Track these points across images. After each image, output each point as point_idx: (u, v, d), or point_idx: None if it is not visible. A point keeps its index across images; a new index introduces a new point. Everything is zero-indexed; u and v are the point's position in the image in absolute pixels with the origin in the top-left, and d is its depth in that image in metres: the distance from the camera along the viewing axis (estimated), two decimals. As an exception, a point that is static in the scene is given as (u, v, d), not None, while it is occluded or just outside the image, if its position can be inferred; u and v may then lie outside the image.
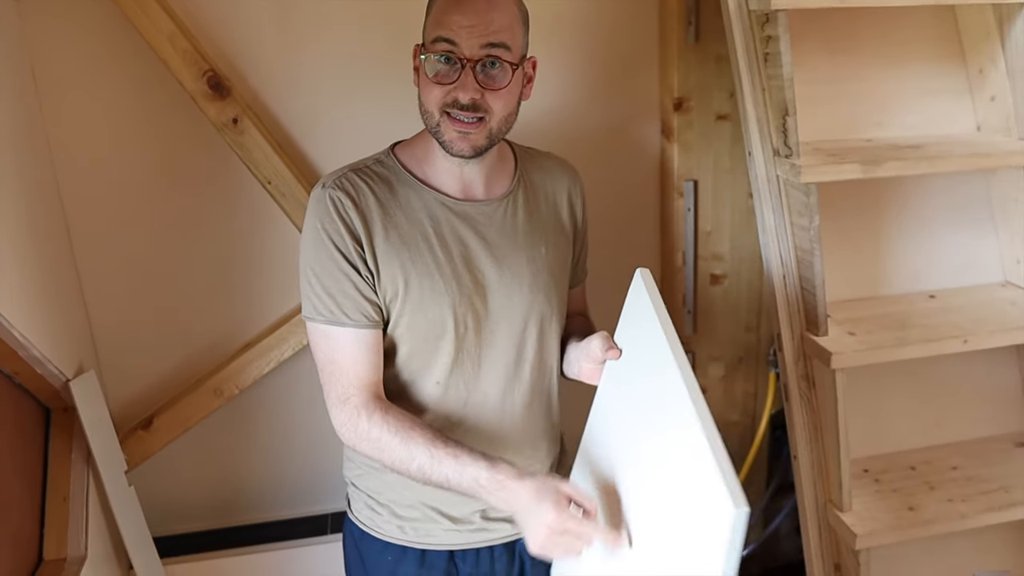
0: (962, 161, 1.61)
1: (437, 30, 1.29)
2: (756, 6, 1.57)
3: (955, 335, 1.60)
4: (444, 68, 1.29)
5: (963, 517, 1.61)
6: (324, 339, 1.36)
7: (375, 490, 1.49)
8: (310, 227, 1.35)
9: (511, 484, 1.24)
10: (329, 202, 1.33)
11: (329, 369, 1.36)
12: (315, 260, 1.34)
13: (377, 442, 1.33)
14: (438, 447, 1.30)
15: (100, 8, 1.78)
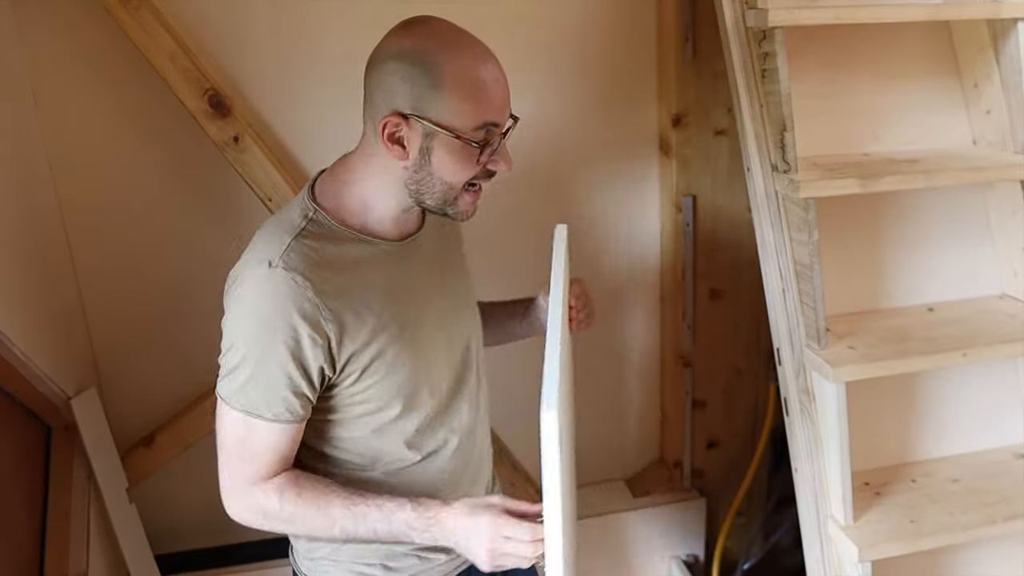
0: (959, 175, 1.62)
1: (480, 115, 1.22)
2: (753, 23, 1.58)
3: (954, 348, 1.60)
4: (488, 148, 1.26)
5: (965, 529, 1.60)
6: (239, 426, 1.24)
7: (363, 555, 1.40)
8: (257, 320, 1.20)
9: (442, 515, 1.24)
10: (291, 289, 1.19)
11: (237, 452, 1.25)
12: (255, 354, 1.20)
13: (291, 518, 1.27)
14: (357, 503, 1.26)
15: (101, 27, 1.79)
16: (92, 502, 1.85)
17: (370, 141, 1.28)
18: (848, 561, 1.62)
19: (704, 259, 2.23)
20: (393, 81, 1.22)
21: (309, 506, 1.26)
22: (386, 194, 1.30)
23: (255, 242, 1.29)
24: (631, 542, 2.38)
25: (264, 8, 1.88)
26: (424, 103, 1.21)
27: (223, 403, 1.24)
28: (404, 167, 1.26)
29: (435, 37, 1.24)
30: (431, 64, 1.20)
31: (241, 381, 1.21)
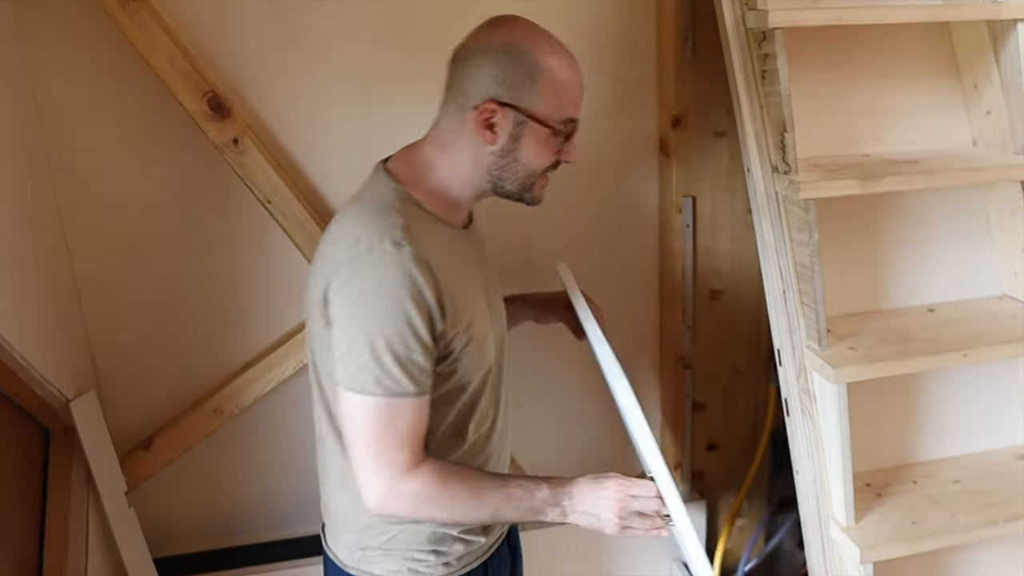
0: (959, 176, 1.62)
1: (567, 110, 1.37)
2: (753, 24, 1.58)
3: (955, 348, 1.60)
4: (568, 140, 1.40)
5: (966, 531, 1.60)
6: (385, 412, 1.28)
7: (412, 542, 1.45)
8: (386, 296, 1.25)
9: (572, 488, 1.36)
10: (412, 263, 1.26)
11: (387, 443, 1.29)
12: (388, 332, 1.25)
13: (449, 501, 1.32)
14: (506, 483, 1.36)
15: (100, 30, 1.79)
16: (91, 505, 1.84)
17: (450, 129, 1.39)
18: (850, 562, 1.62)
19: (704, 260, 2.23)
20: (491, 72, 1.33)
21: (464, 488, 1.33)
22: (467, 180, 1.40)
23: (354, 225, 1.32)
24: (631, 545, 2.38)
25: (263, 10, 1.87)
26: (520, 93, 1.33)
27: (360, 396, 1.28)
28: (490, 152, 1.37)
29: (530, 34, 1.36)
30: (528, 59, 1.33)
31: (385, 364, 1.26)
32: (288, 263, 2.02)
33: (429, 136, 1.44)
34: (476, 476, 1.37)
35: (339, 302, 1.28)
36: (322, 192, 2.02)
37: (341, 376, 1.29)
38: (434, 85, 1.99)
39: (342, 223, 1.36)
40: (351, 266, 1.27)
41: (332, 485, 1.50)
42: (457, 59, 1.39)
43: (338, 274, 1.28)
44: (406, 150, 1.47)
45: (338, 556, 1.52)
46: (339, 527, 1.51)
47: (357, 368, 1.27)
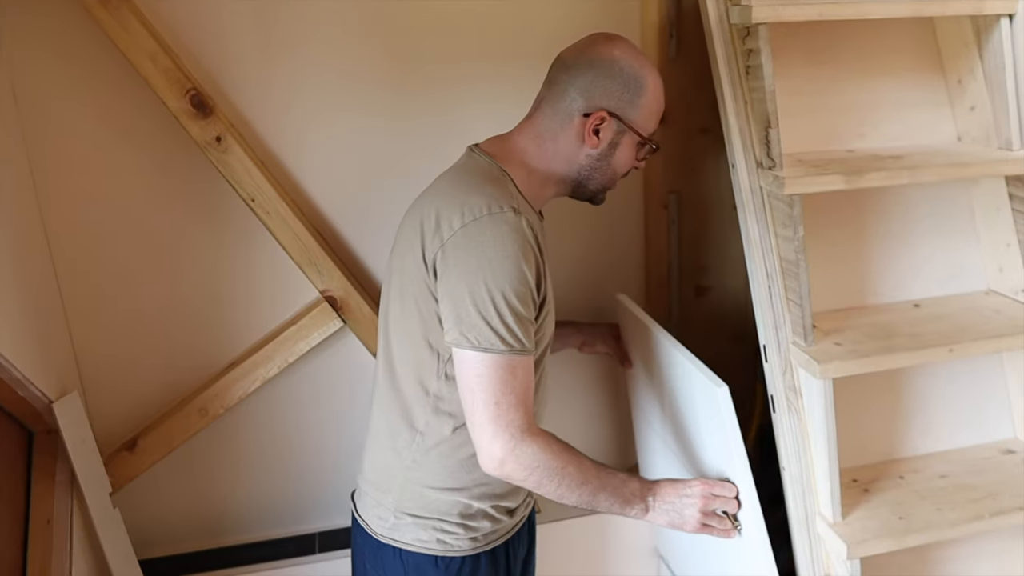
0: (943, 171, 1.62)
1: (655, 124, 1.56)
2: (737, 20, 1.58)
3: (940, 344, 1.60)
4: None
5: (953, 526, 1.60)
6: (505, 371, 1.36)
7: (446, 512, 1.54)
8: (507, 256, 1.35)
9: (658, 486, 1.53)
10: (527, 229, 1.38)
11: (507, 401, 1.36)
12: (511, 288, 1.34)
13: (560, 471, 1.40)
14: (604, 467, 1.48)
15: (81, 28, 1.78)
16: (75, 507, 1.82)
17: (552, 126, 1.52)
18: (837, 559, 1.62)
19: (689, 256, 2.23)
20: (607, 84, 1.48)
21: (573, 461, 1.43)
22: (554, 174, 1.54)
23: (468, 193, 1.42)
24: (619, 541, 2.38)
25: (246, 7, 1.86)
26: (627, 107, 1.50)
27: (483, 355, 1.35)
28: (588, 154, 1.52)
29: (639, 55, 1.52)
30: (639, 77, 1.49)
31: (504, 328, 1.34)
32: (272, 261, 2.01)
33: (523, 130, 1.55)
34: (579, 454, 1.46)
35: (458, 262, 1.36)
36: (306, 190, 2.01)
37: (461, 336, 1.36)
38: (419, 80, 2.00)
39: (452, 192, 1.45)
40: (471, 228, 1.36)
41: (379, 443, 1.59)
42: (570, 66, 1.51)
43: (454, 237, 1.37)
44: (498, 140, 1.57)
45: (369, 524, 1.60)
46: (377, 490, 1.59)
47: (481, 326, 1.34)
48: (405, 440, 1.54)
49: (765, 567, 1.56)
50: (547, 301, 1.47)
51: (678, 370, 1.72)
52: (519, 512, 1.65)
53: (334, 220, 2.05)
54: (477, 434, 1.39)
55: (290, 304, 2.08)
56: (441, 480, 1.53)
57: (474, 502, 1.54)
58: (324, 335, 2.04)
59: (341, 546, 2.19)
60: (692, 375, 1.64)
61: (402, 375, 1.53)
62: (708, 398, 1.59)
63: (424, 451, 1.53)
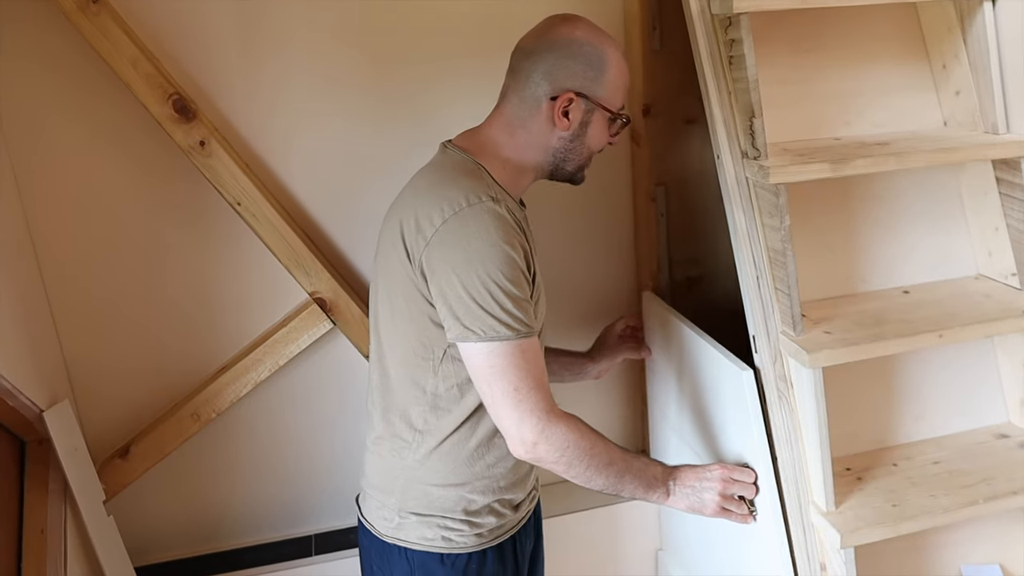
0: (930, 156, 1.61)
1: (623, 98, 1.57)
2: (718, 10, 1.57)
3: (930, 329, 1.59)
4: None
5: (946, 511, 1.60)
6: (517, 356, 1.37)
7: (450, 509, 1.54)
8: (493, 244, 1.36)
9: (679, 471, 1.56)
10: (508, 216, 1.40)
11: (526, 386, 1.38)
12: (504, 274, 1.36)
13: (588, 451, 1.42)
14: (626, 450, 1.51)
15: (62, 35, 1.77)
16: (69, 516, 1.82)
17: (520, 113, 1.52)
18: (831, 548, 1.62)
19: (679, 248, 2.22)
20: (570, 64, 1.48)
21: (600, 441, 1.45)
22: (530, 161, 1.54)
23: (445, 189, 1.42)
24: (617, 536, 2.38)
25: (227, 9, 1.86)
26: (592, 85, 1.50)
27: (492, 344, 1.36)
28: (560, 136, 1.52)
29: (598, 32, 1.53)
30: (600, 54, 1.50)
31: (506, 314, 1.36)
32: (260, 264, 2.00)
33: (493, 121, 1.56)
34: (604, 436, 1.48)
35: (446, 258, 1.37)
36: (292, 192, 2.00)
37: (466, 331, 1.37)
38: (402, 81, 1.99)
39: (429, 190, 1.46)
40: (452, 222, 1.37)
41: (379, 446, 1.59)
42: (531, 51, 1.51)
43: (438, 234, 1.38)
44: (468, 133, 1.58)
45: (375, 525, 1.60)
46: (380, 492, 1.59)
47: (483, 317, 1.35)
48: (405, 441, 1.54)
49: (780, 557, 1.62)
50: (538, 285, 1.50)
51: (702, 357, 1.81)
52: (524, 506, 1.66)
53: (321, 221, 2.04)
54: (504, 423, 1.40)
55: (279, 307, 2.08)
56: (443, 477, 1.53)
57: (478, 497, 1.55)
58: (314, 337, 2.03)
59: (337, 547, 2.19)
60: (718, 361, 1.74)
61: (397, 377, 1.54)
62: (733, 383, 1.67)
63: (426, 450, 1.53)
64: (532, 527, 1.73)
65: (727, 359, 1.71)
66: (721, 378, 1.76)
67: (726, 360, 1.71)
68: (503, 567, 1.61)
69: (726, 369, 1.71)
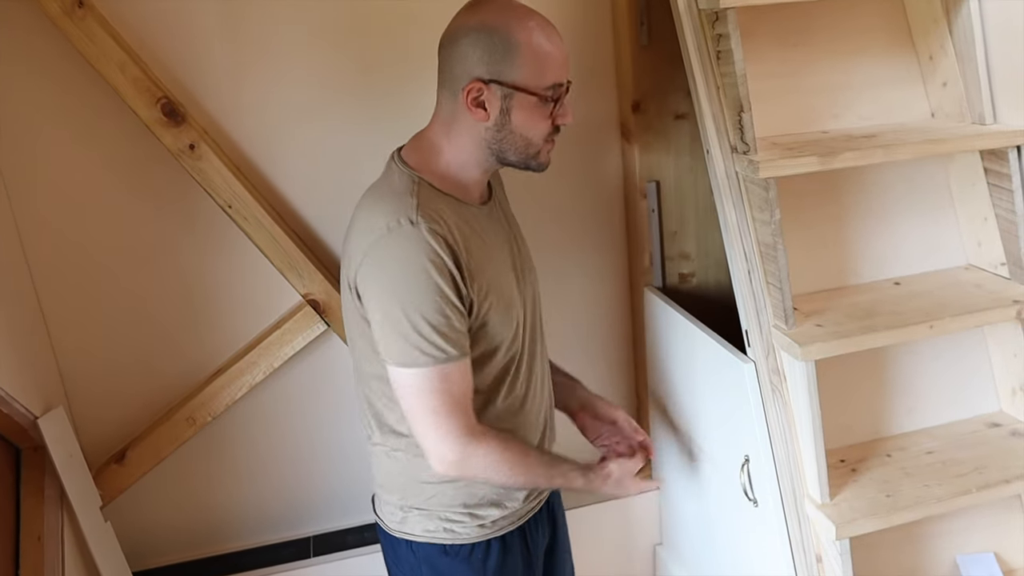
0: (918, 148, 1.62)
1: (549, 77, 1.42)
2: (705, 5, 1.57)
3: (921, 320, 1.60)
4: (557, 105, 1.45)
5: (940, 501, 1.61)
6: (436, 382, 1.38)
7: (448, 503, 1.55)
8: (411, 270, 1.35)
9: (587, 472, 1.56)
10: (429, 237, 1.35)
11: (444, 410, 1.39)
12: (420, 303, 1.35)
13: (509, 464, 1.45)
14: (543, 452, 1.57)
15: (48, 39, 1.77)
16: (66, 522, 1.82)
17: (449, 111, 1.46)
18: (826, 539, 1.63)
19: (671, 244, 2.23)
20: (472, 52, 1.40)
21: (516, 452, 1.47)
22: (471, 158, 1.48)
23: (372, 212, 1.42)
24: (614, 533, 2.39)
25: (214, 12, 1.85)
26: (501, 68, 1.39)
27: (409, 370, 1.37)
28: (486, 128, 1.44)
29: (503, 11, 1.41)
30: (504, 34, 1.39)
31: (423, 340, 1.35)
32: (252, 267, 2.00)
33: (432, 122, 1.51)
34: (520, 442, 1.51)
35: (370, 285, 1.38)
36: (283, 194, 2.00)
37: (387, 354, 1.39)
38: (389, 79, 1.99)
39: (361, 213, 1.46)
40: (374, 249, 1.37)
41: (375, 452, 1.61)
42: (443, 45, 1.45)
43: (364, 259, 1.38)
44: (416, 138, 1.54)
45: (384, 521, 1.64)
46: (384, 491, 1.62)
47: (401, 343, 1.36)
48: (395, 444, 1.55)
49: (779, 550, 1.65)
50: (489, 292, 1.44)
51: (703, 350, 1.84)
52: (533, 496, 1.65)
53: (313, 223, 2.05)
54: (424, 444, 1.43)
55: (273, 309, 2.08)
56: (438, 474, 1.52)
57: (476, 489, 1.55)
58: (308, 339, 2.03)
59: (335, 548, 2.19)
60: (718, 354, 1.76)
61: (369, 387, 1.55)
62: (734, 375, 1.71)
63: (416, 452, 1.53)
64: (546, 520, 1.72)
65: (728, 352, 1.73)
66: (721, 371, 1.77)
67: (727, 353, 1.73)
68: (510, 558, 1.61)
69: (726, 362, 1.73)
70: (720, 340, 1.78)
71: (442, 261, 1.35)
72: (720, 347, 1.76)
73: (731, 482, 1.82)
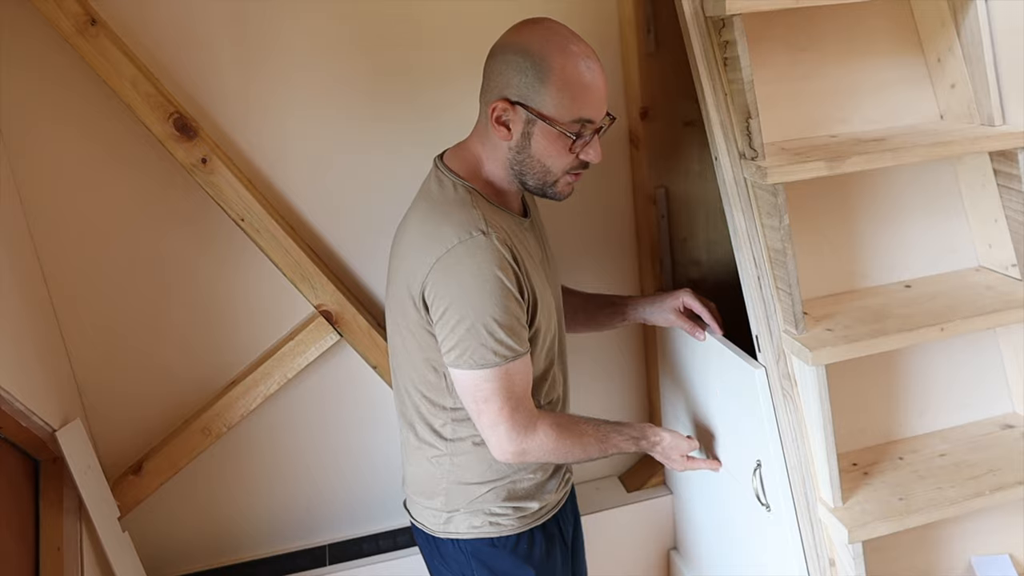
0: (927, 151, 1.62)
1: (577, 111, 1.43)
2: (712, 12, 1.58)
3: (932, 323, 1.60)
4: (581, 141, 1.46)
5: (953, 503, 1.61)
6: (504, 380, 1.45)
7: (492, 500, 1.62)
8: (485, 277, 1.40)
9: (645, 432, 1.67)
10: (499, 246, 1.41)
11: (510, 405, 1.46)
12: (495, 307, 1.41)
13: (567, 448, 1.54)
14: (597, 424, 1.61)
15: (62, 56, 1.78)
16: (84, 533, 1.84)
17: (483, 124, 1.51)
18: (839, 543, 1.63)
19: (681, 251, 2.23)
20: (508, 71, 1.43)
21: (572, 433, 1.55)
22: (502, 172, 1.52)
23: (437, 224, 1.46)
24: (627, 537, 2.39)
25: (225, 27, 1.87)
26: (530, 93, 1.42)
27: (482, 371, 1.43)
28: (509, 147, 1.48)
29: (548, 36, 1.43)
30: (542, 61, 1.41)
31: (496, 342, 1.42)
32: (266, 279, 2.02)
33: (473, 134, 1.56)
34: (576, 419, 1.59)
35: (442, 295, 1.43)
36: (295, 205, 2.02)
37: (459, 359, 1.44)
38: (398, 92, 2.00)
39: (421, 226, 1.50)
40: (445, 260, 1.41)
41: (414, 457, 1.65)
42: (487, 58, 1.49)
43: (433, 271, 1.42)
44: (458, 147, 1.58)
45: (426, 525, 1.68)
46: (425, 496, 1.66)
47: (475, 347, 1.42)
48: (438, 451, 1.60)
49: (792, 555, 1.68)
50: (538, 299, 1.52)
51: (715, 356, 1.85)
52: (562, 489, 1.73)
53: (325, 234, 2.06)
54: (490, 436, 1.50)
55: (286, 320, 2.09)
56: (481, 474, 1.60)
57: (517, 486, 1.63)
58: (321, 349, 2.05)
59: (351, 556, 2.21)
60: (730, 359, 1.78)
61: (417, 396, 1.59)
62: (746, 381, 1.72)
63: (461, 455, 1.59)
64: (570, 510, 1.80)
65: (739, 357, 1.74)
66: (732, 376, 1.78)
67: (738, 358, 1.74)
68: (551, 545, 1.69)
69: (737, 367, 1.74)
70: (731, 346, 1.79)
71: (509, 267, 1.42)
72: (731, 353, 1.77)
73: (744, 487, 1.82)
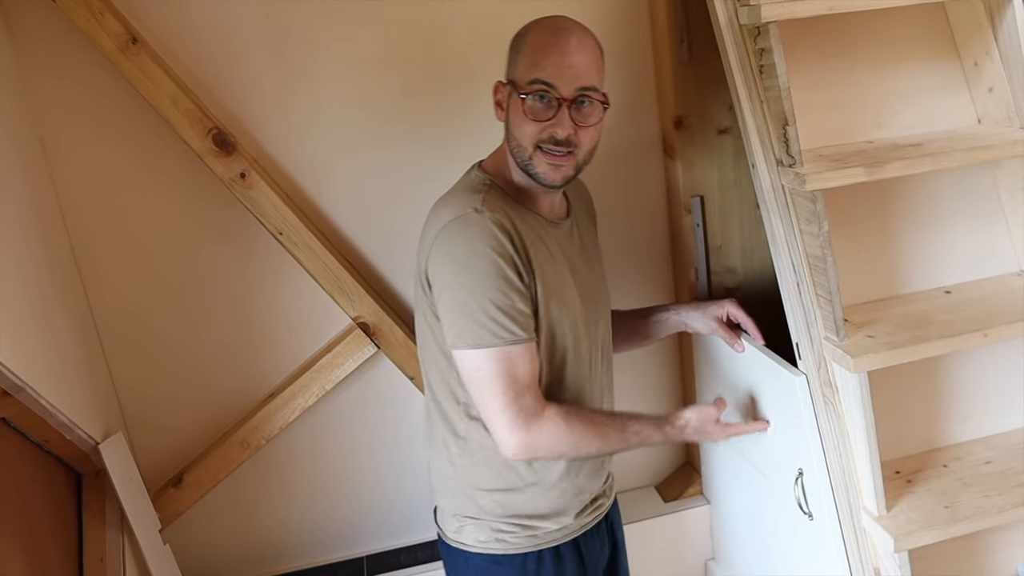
0: (965, 155, 1.60)
1: (533, 72, 1.41)
2: (747, 20, 1.58)
3: (974, 329, 1.59)
4: (540, 106, 1.42)
5: (1000, 511, 1.59)
6: (503, 363, 1.40)
7: (500, 514, 1.57)
8: (476, 253, 1.38)
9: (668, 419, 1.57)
10: (492, 225, 1.39)
11: (513, 391, 1.41)
12: (486, 285, 1.38)
13: (578, 439, 1.46)
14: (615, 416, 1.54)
15: (103, 74, 1.82)
16: (126, 545, 1.85)
17: None
18: (884, 552, 1.61)
19: (716, 259, 2.22)
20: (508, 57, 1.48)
21: (583, 422, 1.47)
22: (513, 164, 1.50)
23: (442, 206, 1.47)
24: (664, 547, 2.37)
25: (263, 42, 1.89)
26: (511, 68, 1.46)
27: (478, 351, 1.39)
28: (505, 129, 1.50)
29: (543, 19, 1.46)
30: (521, 36, 1.46)
31: (488, 321, 1.38)
32: (304, 291, 2.03)
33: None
34: (590, 414, 1.51)
35: (438, 270, 1.42)
36: (333, 219, 2.03)
37: (456, 338, 1.41)
38: (439, 101, 2.01)
39: (433, 210, 1.50)
40: (441, 237, 1.41)
41: (436, 454, 1.63)
42: None
43: (432, 248, 1.42)
44: (497, 150, 1.58)
45: (443, 530, 1.66)
46: (441, 497, 1.64)
47: (469, 325, 1.38)
48: (455, 449, 1.58)
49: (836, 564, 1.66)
50: (549, 297, 1.47)
51: (753, 364, 1.83)
52: (588, 512, 1.64)
53: (362, 247, 2.07)
54: (493, 427, 1.44)
55: (324, 332, 2.10)
56: (489, 481, 1.56)
57: (528, 502, 1.56)
58: (359, 361, 2.06)
59: (389, 568, 2.21)
60: (769, 367, 1.76)
61: (435, 387, 1.58)
62: (786, 389, 1.70)
63: (472, 456, 1.57)
64: (605, 535, 1.72)
65: (779, 365, 1.72)
66: (772, 384, 1.77)
67: (778, 366, 1.72)
68: (562, 568, 1.61)
69: (777, 375, 1.72)
70: (770, 354, 1.78)
71: (503, 247, 1.38)
72: (771, 360, 1.75)
73: (784, 496, 1.81)
